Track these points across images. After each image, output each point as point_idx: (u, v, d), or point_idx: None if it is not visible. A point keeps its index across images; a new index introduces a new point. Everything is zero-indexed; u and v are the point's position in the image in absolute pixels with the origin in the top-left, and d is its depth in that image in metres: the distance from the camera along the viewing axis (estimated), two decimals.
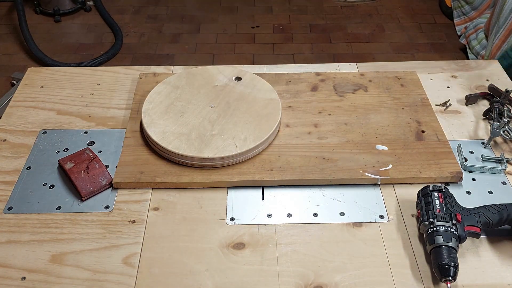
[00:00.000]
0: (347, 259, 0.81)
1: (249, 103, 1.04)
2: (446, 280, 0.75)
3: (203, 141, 0.95)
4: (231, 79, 1.10)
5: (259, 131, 0.97)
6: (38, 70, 1.21)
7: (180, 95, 1.06)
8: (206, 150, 0.93)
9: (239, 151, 0.93)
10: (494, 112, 1.04)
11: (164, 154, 0.95)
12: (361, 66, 1.23)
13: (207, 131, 0.97)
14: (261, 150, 0.97)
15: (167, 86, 1.08)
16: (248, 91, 1.07)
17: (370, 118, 1.05)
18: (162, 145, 0.93)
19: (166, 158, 0.95)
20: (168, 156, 0.94)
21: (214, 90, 1.07)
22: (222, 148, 0.93)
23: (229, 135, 0.96)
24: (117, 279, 0.78)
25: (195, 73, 1.12)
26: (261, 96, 1.06)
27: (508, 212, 0.82)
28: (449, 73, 1.21)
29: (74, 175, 0.91)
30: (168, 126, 0.98)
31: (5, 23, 3.12)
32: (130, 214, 0.88)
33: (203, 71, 1.13)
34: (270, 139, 0.98)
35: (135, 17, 3.20)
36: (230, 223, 0.87)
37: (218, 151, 0.93)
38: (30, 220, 0.86)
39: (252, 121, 0.99)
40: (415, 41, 2.96)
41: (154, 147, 0.96)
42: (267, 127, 0.98)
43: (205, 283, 0.78)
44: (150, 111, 1.01)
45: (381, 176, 0.92)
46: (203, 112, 1.02)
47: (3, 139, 1.02)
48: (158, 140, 0.94)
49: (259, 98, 1.05)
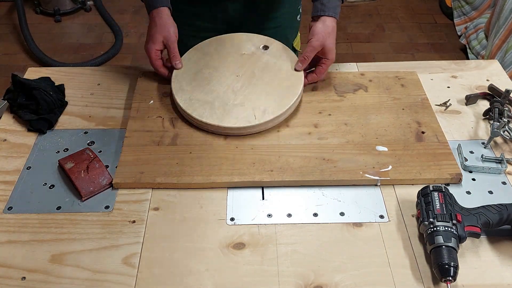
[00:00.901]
0: (347, 259, 0.81)
1: (273, 74, 1.07)
2: (446, 280, 0.75)
3: (225, 110, 1.01)
4: (259, 48, 1.13)
5: (278, 104, 1.01)
6: (38, 70, 1.21)
7: (208, 62, 1.10)
8: (226, 119, 0.98)
9: (257, 122, 0.98)
10: (494, 112, 1.04)
11: (189, 119, 1.02)
12: (361, 66, 1.23)
13: (230, 100, 1.03)
14: (280, 121, 1.01)
15: (197, 52, 1.13)
16: (274, 61, 1.10)
17: (370, 118, 1.05)
18: (188, 111, 1.00)
19: (191, 123, 1.02)
20: (192, 121, 1.01)
21: (241, 58, 1.11)
22: (241, 118, 0.98)
23: (250, 105, 1.01)
24: (117, 279, 0.78)
25: (224, 40, 1.15)
26: (285, 67, 1.09)
27: (508, 212, 0.82)
28: (449, 73, 1.21)
29: (74, 175, 0.91)
30: (195, 93, 1.04)
31: (5, 23, 3.12)
32: (130, 214, 0.88)
33: (232, 38, 1.16)
34: (288, 112, 1.02)
35: (135, 17, 3.20)
36: (230, 223, 0.87)
37: (237, 121, 0.98)
38: (30, 220, 0.86)
39: (273, 93, 1.03)
40: (415, 41, 2.96)
41: (181, 111, 1.03)
42: (287, 101, 1.01)
43: (205, 283, 0.78)
44: (179, 76, 1.07)
45: (381, 177, 0.92)
46: (228, 80, 1.07)
47: (3, 139, 1.02)
48: (184, 106, 1.01)
49: (283, 69, 1.08)
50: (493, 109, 1.04)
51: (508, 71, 2.25)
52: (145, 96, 1.10)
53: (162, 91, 1.11)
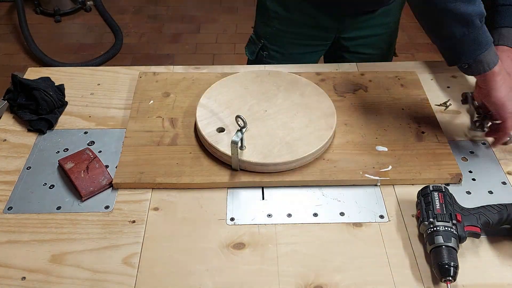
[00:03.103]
0: (347, 259, 0.81)
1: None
2: (446, 280, 0.75)
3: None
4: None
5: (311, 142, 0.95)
6: (38, 70, 1.21)
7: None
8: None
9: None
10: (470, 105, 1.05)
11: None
12: (361, 66, 1.23)
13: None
14: (308, 161, 0.95)
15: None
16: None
17: (370, 118, 1.05)
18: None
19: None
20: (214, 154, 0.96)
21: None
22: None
23: None
24: (117, 279, 0.78)
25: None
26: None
27: (508, 212, 0.82)
28: (449, 73, 1.21)
29: (74, 175, 0.91)
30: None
31: (5, 23, 3.12)
32: (130, 214, 0.88)
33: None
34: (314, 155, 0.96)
35: (135, 17, 3.20)
36: (230, 223, 0.87)
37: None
38: (30, 220, 0.86)
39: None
40: (415, 41, 2.96)
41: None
42: (319, 141, 0.95)
43: (205, 283, 0.78)
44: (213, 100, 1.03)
45: (381, 177, 0.92)
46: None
47: (3, 139, 1.02)
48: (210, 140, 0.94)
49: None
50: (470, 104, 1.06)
51: None
52: (145, 96, 1.10)
53: (162, 91, 1.11)
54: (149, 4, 3.33)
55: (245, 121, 0.89)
